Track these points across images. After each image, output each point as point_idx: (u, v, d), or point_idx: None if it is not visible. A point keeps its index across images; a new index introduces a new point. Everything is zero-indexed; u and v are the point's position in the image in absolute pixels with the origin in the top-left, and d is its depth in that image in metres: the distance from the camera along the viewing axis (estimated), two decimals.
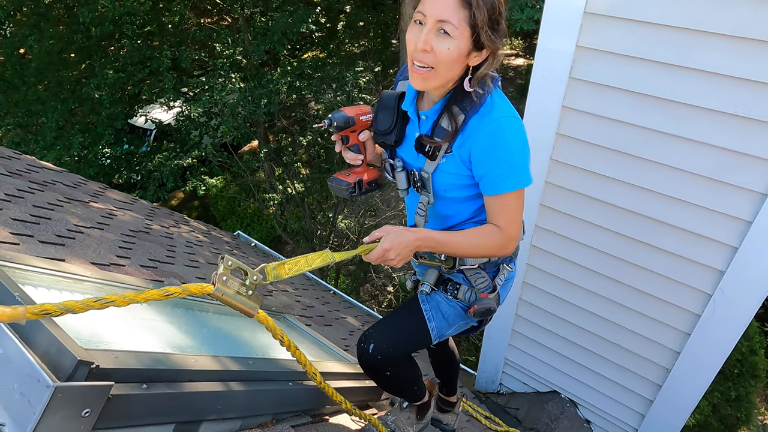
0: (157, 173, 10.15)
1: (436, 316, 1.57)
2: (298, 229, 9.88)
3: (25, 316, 0.73)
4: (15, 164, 2.96)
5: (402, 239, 1.31)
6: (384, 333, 1.53)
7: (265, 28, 10.38)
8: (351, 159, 1.49)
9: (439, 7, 1.18)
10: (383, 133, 1.47)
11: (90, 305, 0.83)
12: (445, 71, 1.26)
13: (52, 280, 1.35)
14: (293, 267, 1.21)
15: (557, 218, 2.81)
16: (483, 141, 1.28)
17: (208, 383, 1.21)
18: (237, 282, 1.11)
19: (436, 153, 1.36)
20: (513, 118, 1.30)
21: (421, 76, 1.26)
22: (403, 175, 1.49)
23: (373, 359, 1.50)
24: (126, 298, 0.87)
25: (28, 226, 1.98)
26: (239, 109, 9.64)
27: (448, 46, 1.21)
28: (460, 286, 1.56)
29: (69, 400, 0.87)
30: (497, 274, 1.58)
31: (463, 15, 1.18)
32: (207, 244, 4.04)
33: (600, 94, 2.36)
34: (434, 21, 1.20)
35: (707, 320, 2.50)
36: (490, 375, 3.66)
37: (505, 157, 1.30)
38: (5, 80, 10.22)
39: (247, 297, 1.12)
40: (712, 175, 2.21)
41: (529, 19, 6.09)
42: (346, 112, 1.43)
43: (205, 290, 1.04)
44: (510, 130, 1.29)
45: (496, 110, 1.29)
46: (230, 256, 1.08)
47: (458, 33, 1.20)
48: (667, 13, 2.05)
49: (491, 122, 1.28)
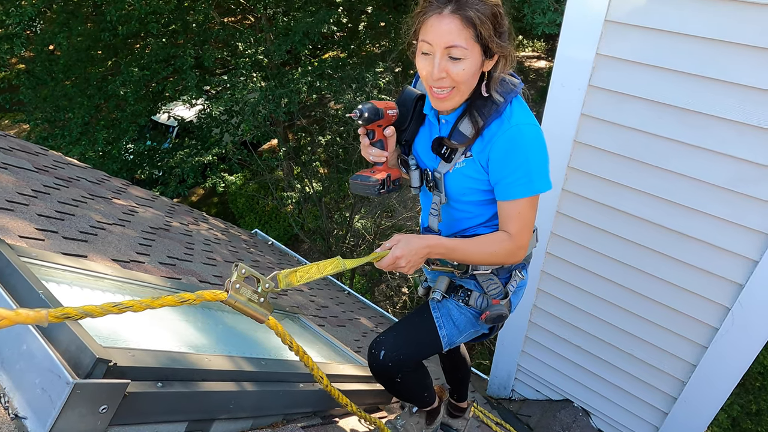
0: (178, 169, 10.31)
1: (447, 323, 1.58)
2: (315, 228, 9.96)
3: (47, 319, 0.77)
4: (42, 160, 3.05)
5: (412, 246, 1.32)
6: (395, 340, 1.55)
7: (287, 28, 10.47)
8: (376, 155, 1.46)
9: (445, 35, 1.19)
10: (397, 128, 1.49)
11: (108, 310, 0.86)
12: (466, 88, 1.28)
13: (74, 278, 1.40)
14: (305, 275, 1.24)
15: (573, 226, 2.79)
16: (501, 146, 1.30)
17: (221, 383, 1.23)
18: (249, 289, 1.14)
19: (451, 156, 1.37)
20: (532, 125, 1.31)
21: (442, 99, 1.29)
22: (417, 174, 1.51)
23: (384, 366, 1.51)
24: (143, 304, 0.91)
25: (53, 222, 2.04)
26: (260, 108, 9.74)
27: (463, 67, 1.22)
28: (472, 292, 1.57)
29: (87, 396, 0.91)
30: (509, 280, 1.58)
31: (469, 34, 1.19)
32: (225, 242, 4.10)
33: (619, 103, 2.34)
34: (442, 49, 1.21)
35: (725, 334, 2.46)
36: (502, 381, 3.65)
37: (522, 164, 1.30)
38: (35, 76, 10.49)
39: (259, 304, 1.15)
40: (732, 186, 2.17)
41: (551, 22, 6.04)
42: (374, 104, 1.42)
43: (218, 297, 1.07)
44: (528, 137, 1.30)
45: (515, 117, 1.30)
46: (243, 263, 1.11)
47: (468, 52, 1.21)
48: (690, 23, 2.02)
49: (510, 128, 1.29)
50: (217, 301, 1.06)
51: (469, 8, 1.17)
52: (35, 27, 11.16)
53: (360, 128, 1.44)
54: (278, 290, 1.20)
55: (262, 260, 4.25)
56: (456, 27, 1.18)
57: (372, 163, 1.50)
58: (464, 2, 1.17)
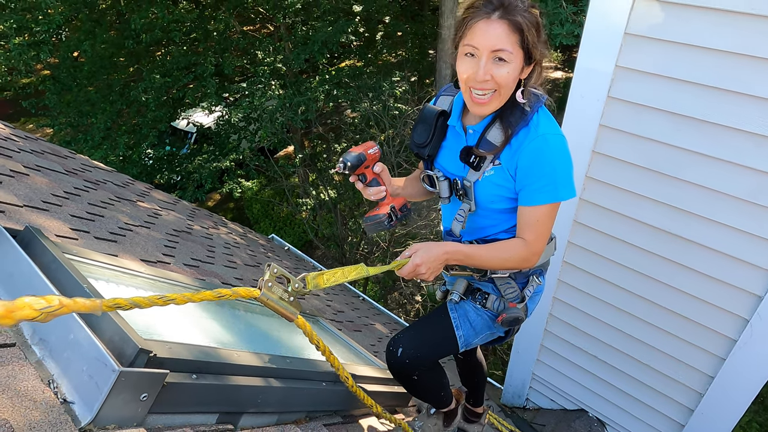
0: (196, 175, 10.48)
1: (464, 324, 1.61)
2: (330, 235, 10.03)
3: (101, 308, 0.83)
4: (71, 163, 3.15)
5: (431, 253, 1.37)
6: (412, 338, 1.59)
7: (306, 38, 10.64)
8: (375, 193, 1.53)
9: (492, 39, 1.24)
10: (419, 145, 1.54)
11: (154, 302, 0.92)
12: (507, 91, 1.33)
13: (111, 274, 1.46)
14: (331, 278, 1.29)
15: (591, 235, 2.81)
16: (528, 155, 1.35)
17: (249, 378, 1.28)
18: (280, 288, 1.19)
19: (480, 164, 1.42)
20: (558, 135, 1.36)
21: (482, 103, 1.33)
22: (446, 184, 1.55)
23: (401, 363, 1.55)
24: (185, 297, 0.96)
25: (85, 222, 2.12)
26: (277, 116, 9.88)
27: (507, 70, 1.28)
28: (489, 295, 1.61)
29: (131, 384, 0.96)
30: (526, 284, 1.62)
31: (515, 39, 1.25)
32: (243, 246, 4.17)
33: (638, 114, 2.36)
34: (489, 52, 1.26)
35: (743, 346, 2.45)
36: (517, 389, 3.65)
37: (548, 172, 1.35)
38: (59, 82, 10.77)
39: (289, 303, 1.20)
40: (751, 198, 2.18)
41: (569, 33, 6.07)
42: (354, 152, 1.49)
43: (252, 294, 1.12)
44: (555, 146, 1.35)
45: (542, 126, 1.35)
46: (274, 263, 1.17)
47: (513, 57, 1.27)
48: (709, 37, 2.05)
49: (537, 137, 1.34)
50: (251, 298, 1.12)
51: (517, 14, 1.23)
52: (61, 34, 11.46)
53: (351, 177, 1.51)
54: (306, 291, 1.25)
55: (279, 265, 4.31)
56: (504, 31, 1.24)
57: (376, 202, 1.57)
58: (512, 9, 1.23)
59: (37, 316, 0.73)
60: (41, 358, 1.03)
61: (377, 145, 1.57)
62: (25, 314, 0.71)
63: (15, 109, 14.83)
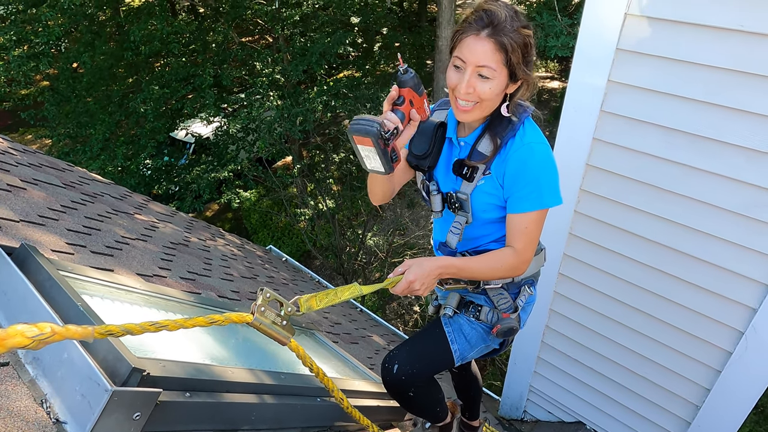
0: (194, 185, 10.49)
1: (459, 338, 1.62)
2: (328, 245, 10.03)
3: (93, 336, 0.83)
4: (69, 176, 3.16)
5: (424, 269, 1.38)
6: (408, 354, 1.59)
7: (304, 49, 10.71)
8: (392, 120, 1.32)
9: (478, 54, 1.28)
10: (419, 156, 1.56)
11: (146, 328, 0.93)
12: (488, 105, 1.37)
13: (105, 291, 1.47)
14: (324, 299, 1.30)
15: (586, 247, 2.82)
16: (514, 163, 1.39)
17: (243, 395, 1.29)
18: (273, 313, 1.20)
19: (473, 175, 1.45)
20: (543, 144, 1.40)
21: (465, 111, 1.37)
22: (438, 198, 1.57)
23: (397, 380, 1.55)
24: (177, 324, 0.97)
25: (81, 236, 2.12)
26: (276, 126, 9.92)
27: (489, 86, 1.32)
28: (482, 307, 1.62)
29: (123, 403, 0.96)
30: (518, 294, 1.64)
31: (500, 58, 1.29)
32: (240, 257, 4.17)
33: (631, 128, 2.38)
34: (473, 67, 1.30)
35: (739, 358, 2.46)
36: (514, 402, 3.64)
37: (533, 179, 1.39)
38: (58, 93, 10.81)
39: (282, 327, 1.21)
40: (744, 211, 2.20)
41: (564, 46, 6.13)
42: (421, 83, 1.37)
43: (244, 319, 1.13)
44: (539, 154, 1.39)
45: (527, 136, 1.40)
46: (267, 288, 1.18)
47: (497, 74, 1.30)
48: (701, 53, 2.08)
49: (522, 146, 1.39)
50: (243, 323, 1.12)
51: (504, 35, 1.27)
52: (60, 46, 11.53)
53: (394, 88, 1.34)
54: (299, 314, 1.26)
55: (276, 276, 4.31)
56: (489, 49, 1.27)
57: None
58: (501, 29, 1.27)
59: (29, 344, 0.73)
60: (34, 377, 1.04)
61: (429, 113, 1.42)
62: (17, 342, 0.71)
63: (14, 120, 14.88)
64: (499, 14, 1.27)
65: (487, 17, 1.27)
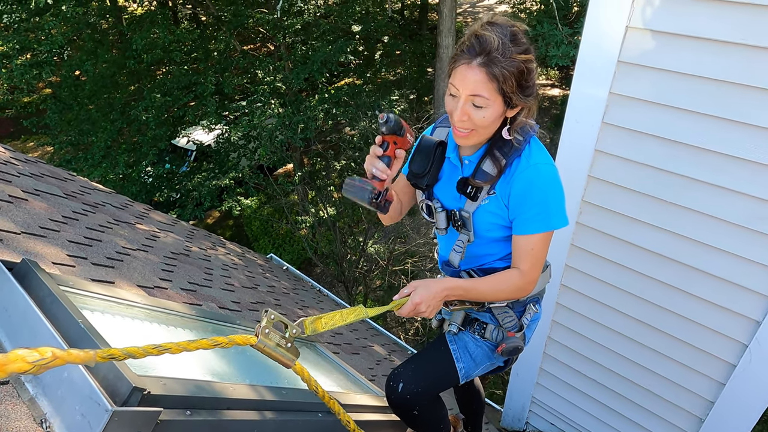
0: (195, 192, 10.51)
1: (464, 356, 1.61)
2: (329, 252, 10.02)
3: (95, 360, 0.83)
4: (70, 186, 3.16)
5: (430, 291, 1.37)
6: (413, 372, 1.58)
7: (306, 57, 10.76)
8: (380, 169, 1.43)
9: (470, 83, 1.26)
10: (417, 175, 1.55)
11: (149, 351, 0.92)
12: (485, 131, 1.36)
13: (106, 305, 1.46)
14: (329, 321, 1.30)
15: (588, 259, 2.81)
16: (521, 184, 1.37)
17: (244, 411, 1.27)
18: (278, 335, 1.19)
19: (477, 194, 1.44)
20: (549, 165, 1.38)
21: (462, 136, 1.36)
22: (443, 215, 1.55)
23: (402, 398, 1.54)
24: (180, 346, 0.97)
25: (82, 248, 2.12)
26: (277, 134, 9.95)
27: (484, 115, 1.30)
28: (487, 325, 1.61)
29: (124, 423, 0.95)
30: (524, 313, 1.62)
31: (493, 86, 1.26)
32: (241, 267, 4.16)
33: (633, 140, 2.38)
34: (466, 95, 1.28)
35: (743, 371, 2.44)
36: (516, 413, 3.62)
37: (540, 201, 1.37)
38: (61, 100, 10.86)
39: (286, 349, 1.20)
40: (747, 224, 2.19)
41: (565, 55, 6.15)
42: (402, 121, 1.43)
43: (248, 341, 1.13)
44: (546, 176, 1.37)
45: (533, 156, 1.38)
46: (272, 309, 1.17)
47: (491, 102, 1.28)
48: (702, 65, 2.08)
49: (529, 167, 1.37)
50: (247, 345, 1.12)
51: (495, 64, 1.23)
52: (63, 54, 11.60)
53: (378, 136, 1.43)
54: (304, 336, 1.25)
55: (277, 286, 4.30)
56: (481, 79, 1.25)
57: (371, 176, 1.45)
58: (493, 57, 1.23)
59: (30, 369, 0.73)
60: (34, 395, 1.03)
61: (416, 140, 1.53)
62: (17, 367, 0.71)
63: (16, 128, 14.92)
64: (492, 41, 1.23)
65: (479, 45, 1.24)
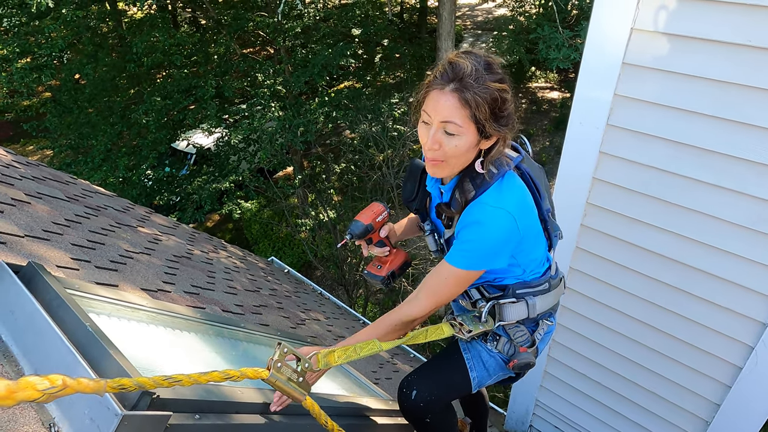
0: (195, 196, 10.49)
1: (478, 365, 1.59)
2: (329, 256, 10.00)
3: (104, 390, 0.82)
4: (72, 189, 3.15)
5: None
6: (426, 380, 1.57)
7: (306, 60, 10.76)
8: (379, 252, 1.59)
9: (442, 110, 1.22)
10: (407, 200, 1.56)
11: (159, 383, 0.92)
12: (456, 162, 1.30)
13: (112, 309, 1.45)
14: (342, 354, 1.29)
15: (592, 261, 2.80)
16: (468, 218, 1.33)
17: (253, 415, 1.26)
18: (289, 368, 1.18)
19: (450, 222, 1.43)
20: (503, 212, 1.30)
21: (434, 166, 1.31)
22: (431, 239, 1.57)
23: (415, 406, 1.53)
24: (191, 378, 0.97)
25: (86, 251, 2.11)
26: (277, 137, 9.94)
27: (456, 144, 1.25)
28: (500, 337, 1.57)
29: (133, 427, 0.94)
30: (537, 328, 1.60)
31: (466, 113, 1.21)
32: (243, 270, 4.15)
33: (638, 142, 2.38)
34: (438, 122, 1.24)
35: (749, 373, 2.43)
36: (520, 416, 3.60)
37: (470, 240, 1.33)
38: (60, 104, 10.85)
39: (297, 383, 1.19)
40: (753, 225, 2.19)
41: (566, 58, 6.16)
42: (363, 221, 1.52)
43: (260, 375, 1.12)
44: (489, 222, 1.30)
45: (492, 197, 1.32)
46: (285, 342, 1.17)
47: (463, 130, 1.23)
48: (708, 67, 2.07)
49: (478, 207, 1.32)
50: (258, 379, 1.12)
51: (468, 90, 1.19)
52: (63, 57, 11.60)
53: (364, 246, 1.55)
54: (316, 370, 1.24)
55: (279, 289, 4.29)
56: (453, 105, 1.20)
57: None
58: (466, 83, 1.19)
59: (40, 398, 0.72)
60: None
61: (387, 208, 1.58)
62: (27, 395, 0.70)
63: (16, 131, 14.92)
64: (465, 68, 1.19)
65: (452, 71, 1.20)
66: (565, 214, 2.67)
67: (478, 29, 19.77)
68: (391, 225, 1.61)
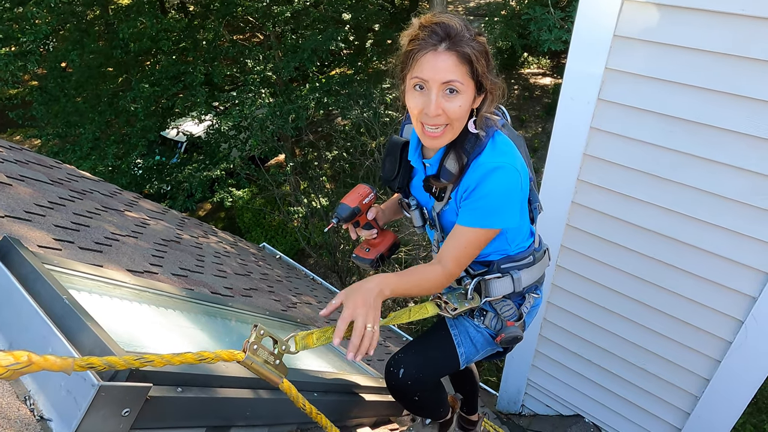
0: (186, 184, 10.39)
1: (465, 341, 1.58)
2: (322, 243, 9.97)
3: (72, 368, 0.79)
4: (56, 173, 3.09)
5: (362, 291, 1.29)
6: (413, 358, 1.55)
7: (296, 46, 10.63)
8: (367, 235, 1.57)
9: (442, 71, 1.19)
10: (388, 179, 1.53)
11: (131, 363, 0.89)
12: (460, 124, 1.28)
13: (93, 285, 1.42)
14: (321, 337, 1.28)
15: (584, 239, 2.80)
16: (473, 179, 1.31)
17: (238, 389, 1.24)
18: (266, 351, 1.15)
19: (442, 194, 1.40)
20: (507, 166, 1.29)
21: (435, 137, 1.28)
22: (417, 213, 1.54)
23: (403, 384, 1.51)
24: (163, 359, 0.94)
25: (69, 232, 2.06)
26: (268, 124, 9.85)
27: (459, 103, 1.23)
28: (487, 312, 1.57)
29: (111, 399, 0.92)
30: (523, 302, 1.59)
31: (465, 70, 1.20)
32: (234, 254, 4.12)
33: (629, 116, 2.36)
34: (439, 84, 1.20)
35: (738, 348, 2.44)
36: (512, 396, 3.62)
37: (482, 197, 1.30)
38: (47, 92, 10.67)
39: (274, 366, 1.17)
40: (745, 199, 2.18)
41: (557, 39, 6.11)
42: (349, 204, 1.49)
43: (235, 357, 1.09)
44: (498, 175, 1.28)
45: (497, 155, 1.30)
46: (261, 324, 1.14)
47: (464, 87, 1.21)
48: (700, 38, 2.05)
49: (482, 165, 1.30)
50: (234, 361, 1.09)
51: (465, 45, 1.18)
52: (48, 45, 11.38)
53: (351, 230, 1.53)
54: (294, 352, 1.22)
55: (270, 273, 4.26)
56: (453, 63, 1.18)
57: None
58: (459, 39, 1.18)
59: (4, 374, 0.69)
60: None
61: (373, 189, 1.55)
62: None
63: (2, 121, 14.69)
64: (454, 25, 1.18)
65: (442, 30, 1.18)
66: (556, 192, 2.66)
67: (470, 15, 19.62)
68: (378, 207, 1.59)
